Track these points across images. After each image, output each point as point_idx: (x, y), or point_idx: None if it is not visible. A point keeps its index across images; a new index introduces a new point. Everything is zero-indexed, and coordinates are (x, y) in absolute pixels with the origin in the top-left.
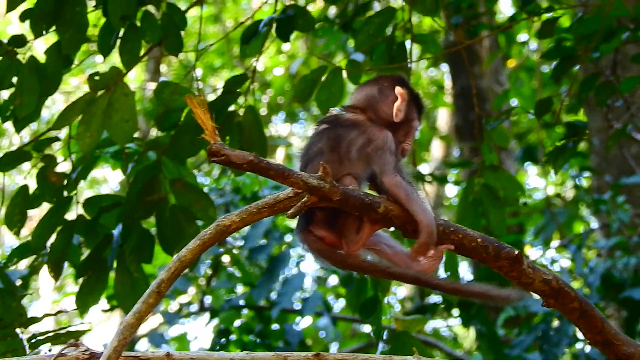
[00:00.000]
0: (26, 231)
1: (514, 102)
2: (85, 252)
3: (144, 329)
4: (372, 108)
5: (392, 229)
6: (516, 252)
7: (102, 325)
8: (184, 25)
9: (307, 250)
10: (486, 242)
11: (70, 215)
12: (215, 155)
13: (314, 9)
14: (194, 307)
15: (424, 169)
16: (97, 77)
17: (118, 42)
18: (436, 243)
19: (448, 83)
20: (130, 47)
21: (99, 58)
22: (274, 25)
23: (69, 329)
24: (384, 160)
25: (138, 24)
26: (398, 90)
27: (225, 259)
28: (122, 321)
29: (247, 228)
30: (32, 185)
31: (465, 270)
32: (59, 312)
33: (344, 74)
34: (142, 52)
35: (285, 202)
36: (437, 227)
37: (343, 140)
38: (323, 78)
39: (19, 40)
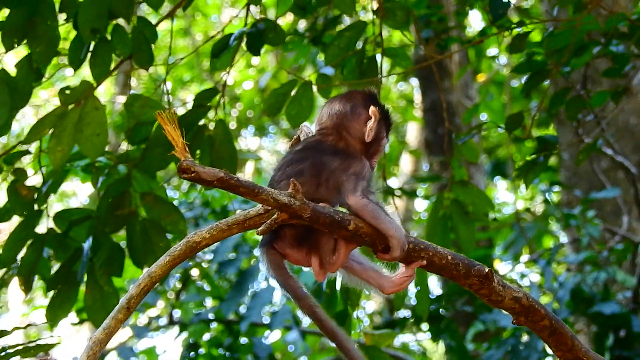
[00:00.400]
0: None
1: (484, 116)
2: (56, 266)
3: (113, 342)
4: (344, 127)
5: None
6: (486, 269)
7: (72, 338)
8: (155, 39)
9: (266, 266)
10: (456, 259)
11: (41, 229)
12: (186, 172)
13: (284, 22)
14: (163, 321)
15: (394, 183)
16: (68, 91)
17: (89, 55)
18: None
19: (418, 97)
20: (101, 61)
21: (69, 71)
22: (245, 39)
23: (39, 342)
24: (353, 185)
25: (109, 37)
26: (372, 109)
27: (195, 272)
28: (92, 337)
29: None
30: (3, 199)
31: (434, 286)
32: (29, 325)
33: (314, 88)
34: (112, 65)
35: (256, 219)
36: (407, 245)
37: (326, 168)
38: (293, 92)
39: None
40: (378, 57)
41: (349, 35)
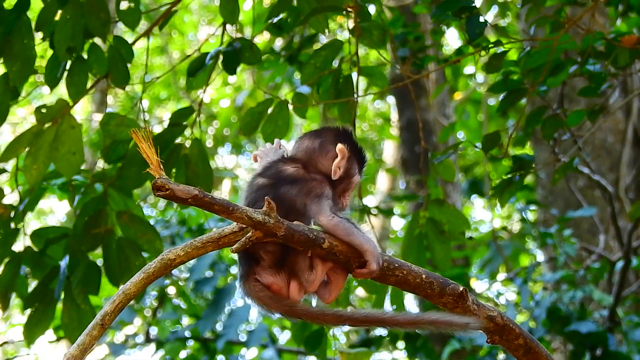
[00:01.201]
0: None
1: (461, 134)
2: (33, 284)
3: (90, 359)
4: (312, 162)
5: None
6: (461, 288)
7: (49, 356)
8: (131, 58)
9: (252, 300)
10: (430, 278)
11: (18, 247)
12: (160, 190)
13: (260, 41)
14: (140, 338)
15: (370, 201)
16: (44, 110)
17: (65, 74)
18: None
19: (394, 115)
20: (77, 80)
21: (46, 89)
22: (221, 58)
23: (15, 359)
24: (319, 206)
25: (85, 56)
26: (339, 147)
27: (171, 290)
28: (66, 353)
29: (192, 260)
30: None
31: (411, 304)
32: (5, 342)
33: (290, 107)
34: (89, 84)
35: (230, 236)
36: (382, 263)
37: (286, 199)
38: (269, 111)
39: None
40: (354, 75)
41: (325, 54)
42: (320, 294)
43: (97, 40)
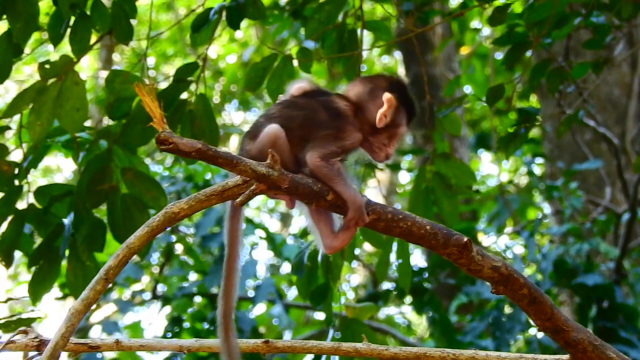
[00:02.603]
0: None
1: (468, 89)
2: (38, 241)
3: (97, 317)
4: (361, 107)
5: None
6: (465, 239)
7: (58, 313)
8: (134, 14)
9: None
10: (435, 229)
11: (22, 205)
12: (164, 143)
13: None
14: (147, 295)
15: None
16: (47, 66)
17: (68, 31)
18: (362, 220)
19: (401, 70)
20: (81, 36)
21: (51, 47)
22: (224, 13)
23: (21, 316)
24: (321, 145)
25: (88, 12)
26: (386, 96)
27: (178, 247)
28: (71, 308)
29: (199, 216)
30: None
31: (419, 258)
32: (9, 299)
33: (295, 62)
34: (92, 40)
35: (234, 189)
36: (385, 214)
37: (314, 124)
38: (274, 66)
39: None
40: (359, 30)
41: (329, 8)
42: (326, 242)
43: None
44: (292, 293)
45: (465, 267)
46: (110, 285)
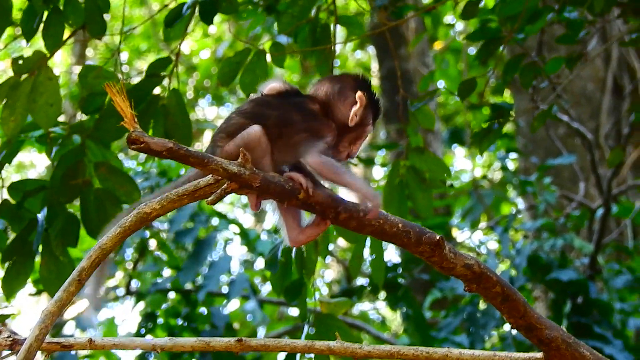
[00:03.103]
0: None
1: (441, 83)
2: (11, 237)
3: (71, 313)
4: (330, 106)
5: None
6: (437, 237)
7: (32, 309)
8: (107, 9)
9: None
10: (407, 227)
11: None
12: (135, 143)
13: None
14: (121, 291)
15: None
16: (20, 61)
17: (41, 26)
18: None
19: (375, 65)
20: (54, 31)
21: (25, 42)
22: (198, 8)
23: None
24: (312, 146)
25: (61, 7)
26: (358, 94)
27: (152, 242)
28: (44, 310)
29: (172, 212)
30: None
31: (393, 254)
32: None
33: (268, 56)
34: (65, 35)
35: (206, 189)
36: (357, 213)
37: (289, 123)
38: (247, 60)
39: None
40: (333, 25)
41: (302, 3)
42: (291, 235)
43: None
44: (266, 288)
45: (438, 265)
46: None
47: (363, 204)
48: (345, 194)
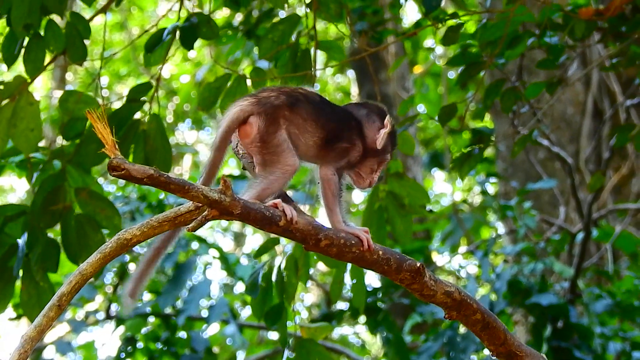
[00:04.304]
0: None
1: (421, 107)
2: None
3: (51, 337)
4: (361, 127)
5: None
6: (418, 264)
7: (12, 334)
8: (88, 35)
9: None
10: (388, 254)
11: None
12: (116, 170)
13: (220, 16)
14: (101, 315)
15: None
16: (1, 87)
17: (22, 51)
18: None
19: (354, 89)
20: (34, 56)
21: (4, 67)
22: (178, 33)
23: None
24: (337, 159)
25: (42, 33)
26: (387, 119)
27: (132, 267)
28: (23, 335)
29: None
30: None
31: (373, 278)
32: None
33: (249, 81)
34: (46, 60)
35: (186, 215)
36: (338, 240)
37: (336, 132)
38: (227, 86)
39: None
40: (313, 49)
41: (282, 28)
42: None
43: (55, 17)
44: (245, 312)
45: (418, 293)
46: None
47: (354, 240)
48: (324, 215)
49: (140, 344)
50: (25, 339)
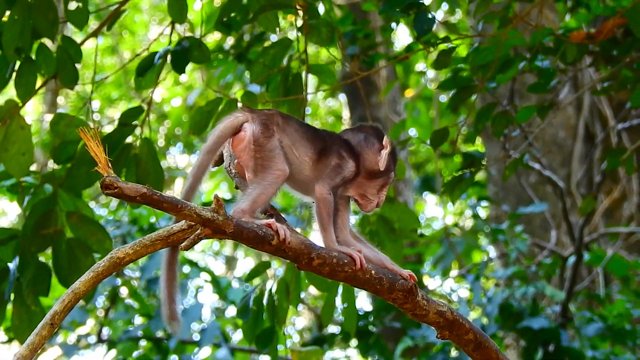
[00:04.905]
0: None
1: (413, 131)
2: None
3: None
4: (358, 153)
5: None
6: (410, 283)
7: (2, 357)
8: (79, 58)
9: None
10: (380, 274)
11: None
12: (109, 188)
13: (212, 40)
14: (92, 339)
15: None
16: None
17: (14, 75)
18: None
19: (346, 113)
20: (26, 80)
21: None
22: (169, 57)
23: None
24: (331, 178)
25: (33, 56)
26: (386, 139)
27: (123, 290)
28: (16, 353)
29: (144, 259)
30: None
31: (364, 301)
32: None
33: (240, 105)
34: (38, 84)
35: (179, 234)
36: (331, 259)
37: (327, 154)
38: (219, 109)
39: None
40: (304, 73)
41: (273, 52)
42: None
43: (46, 41)
44: (237, 336)
45: (411, 312)
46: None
47: (347, 259)
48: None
49: None
50: (18, 357)
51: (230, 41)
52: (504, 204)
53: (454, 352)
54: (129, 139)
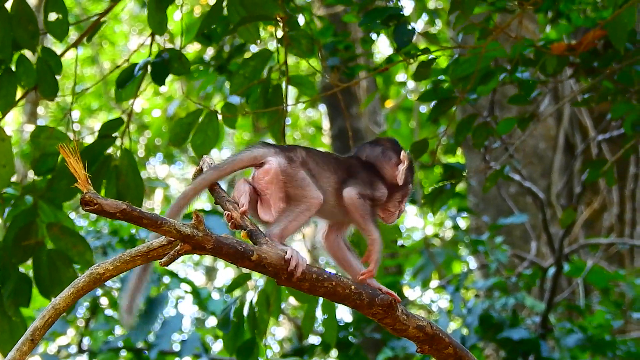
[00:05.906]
0: None
1: None
2: None
3: None
4: (376, 168)
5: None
6: (390, 298)
7: None
8: (59, 70)
9: None
10: (359, 289)
11: None
12: (89, 205)
13: (192, 51)
14: (73, 349)
15: None
16: None
17: None
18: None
19: (326, 124)
20: (6, 92)
21: None
22: (149, 68)
23: None
24: (362, 184)
25: (13, 68)
26: (403, 154)
27: (104, 300)
28: None
29: None
30: None
31: (345, 312)
32: None
33: (220, 117)
34: (18, 96)
35: (159, 250)
36: (310, 274)
37: (353, 171)
38: (199, 121)
39: None
40: (284, 85)
41: (253, 64)
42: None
43: (26, 52)
44: (217, 347)
45: (390, 327)
46: None
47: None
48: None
49: None
50: None
51: (210, 52)
52: (484, 215)
53: None
54: (110, 150)
